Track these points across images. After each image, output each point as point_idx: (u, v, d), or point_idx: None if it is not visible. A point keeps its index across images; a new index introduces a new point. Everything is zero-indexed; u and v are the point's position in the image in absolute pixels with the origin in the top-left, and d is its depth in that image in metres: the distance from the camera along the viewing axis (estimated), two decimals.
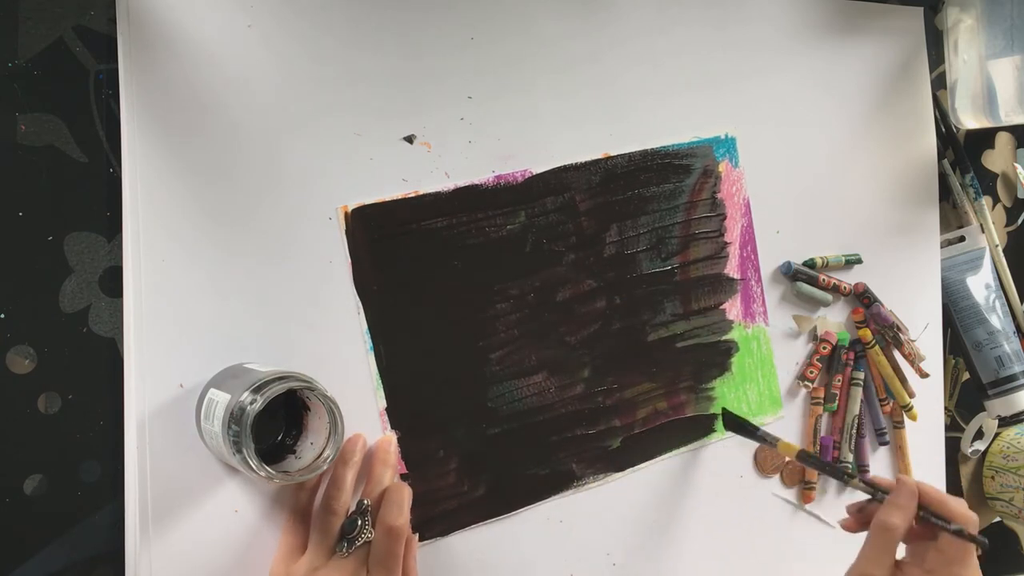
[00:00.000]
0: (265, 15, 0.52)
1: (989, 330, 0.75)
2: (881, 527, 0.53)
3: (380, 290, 0.54)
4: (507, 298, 0.58)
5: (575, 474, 0.60)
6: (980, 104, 0.75)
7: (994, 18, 0.73)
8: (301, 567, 0.49)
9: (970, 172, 0.78)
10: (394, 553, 0.49)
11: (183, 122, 0.49)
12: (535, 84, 0.60)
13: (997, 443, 0.80)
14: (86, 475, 0.48)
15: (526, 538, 0.59)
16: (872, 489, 0.56)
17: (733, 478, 0.66)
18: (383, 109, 0.55)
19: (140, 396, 0.48)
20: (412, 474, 0.55)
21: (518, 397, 0.59)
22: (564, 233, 0.60)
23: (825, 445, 0.69)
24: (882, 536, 0.53)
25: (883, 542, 0.53)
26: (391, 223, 0.55)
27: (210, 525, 0.49)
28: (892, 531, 0.53)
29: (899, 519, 0.53)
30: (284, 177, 0.52)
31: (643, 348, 0.63)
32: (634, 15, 0.63)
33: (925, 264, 0.75)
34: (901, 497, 0.54)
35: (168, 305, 0.49)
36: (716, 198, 0.66)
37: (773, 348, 0.68)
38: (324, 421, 0.48)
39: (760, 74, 0.68)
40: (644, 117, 0.63)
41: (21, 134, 0.47)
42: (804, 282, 0.69)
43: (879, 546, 0.53)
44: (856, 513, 0.57)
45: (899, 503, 0.54)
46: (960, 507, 0.54)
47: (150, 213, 0.49)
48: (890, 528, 0.53)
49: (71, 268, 0.48)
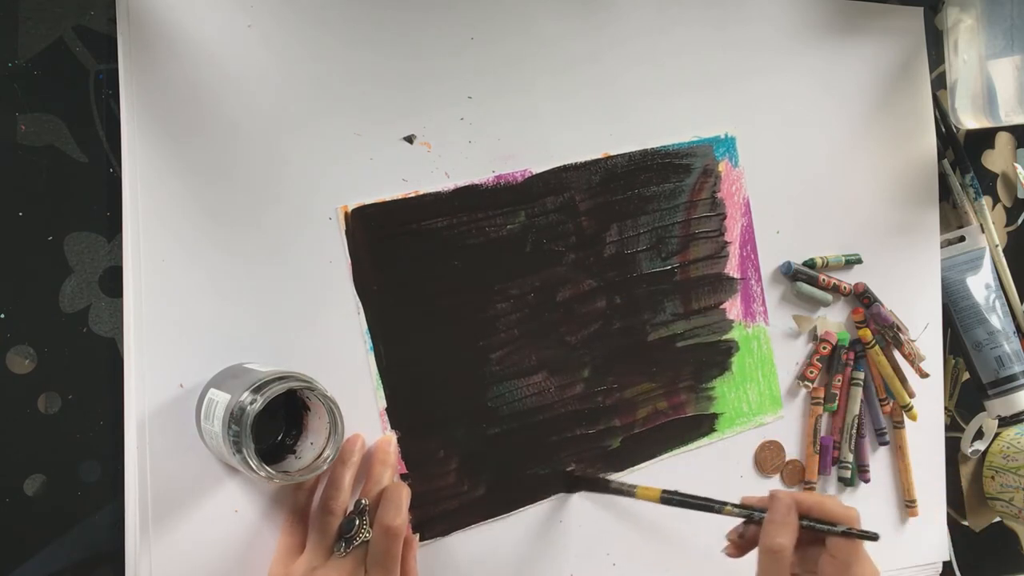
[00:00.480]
0: (265, 15, 0.52)
1: (989, 330, 0.75)
2: (769, 550, 0.50)
3: (380, 290, 0.54)
4: (507, 298, 0.58)
5: (575, 474, 0.60)
6: (980, 104, 0.75)
7: (994, 18, 0.73)
8: (299, 567, 0.49)
9: (970, 172, 0.78)
10: (392, 553, 0.49)
11: (183, 122, 0.49)
12: (535, 84, 0.60)
13: (997, 443, 0.80)
14: (86, 475, 0.48)
15: (526, 538, 0.59)
16: (747, 511, 0.53)
17: (733, 478, 0.66)
18: (383, 109, 0.55)
19: (140, 396, 0.48)
20: (412, 474, 0.55)
21: (518, 397, 0.59)
22: (564, 233, 0.60)
23: (825, 445, 0.69)
24: (772, 560, 0.50)
25: (776, 566, 0.50)
26: (391, 223, 0.55)
27: (210, 525, 0.49)
28: (780, 551, 0.50)
29: (784, 537, 0.50)
30: (284, 177, 0.52)
31: (643, 348, 0.63)
32: (634, 15, 0.63)
33: (925, 264, 0.75)
34: (779, 513, 0.51)
35: (168, 305, 0.49)
36: (716, 198, 0.66)
37: (773, 348, 0.68)
38: (324, 421, 0.48)
39: (760, 74, 0.68)
40: (644, 117, 0.63)
41: (21, 134, 0.47)
42: (804, 282, 0.69)
43: (773, 571, 0.50)
44: (738, 539, 0.54)
45: (779, 520, 0.51)
46: (839, 507, 0.52)
47: (150, 213, 0.49)
48: (777, 549, 0.50)
49: (71, 268, 0.48)
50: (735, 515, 0.54)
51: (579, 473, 0.60)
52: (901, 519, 0.73)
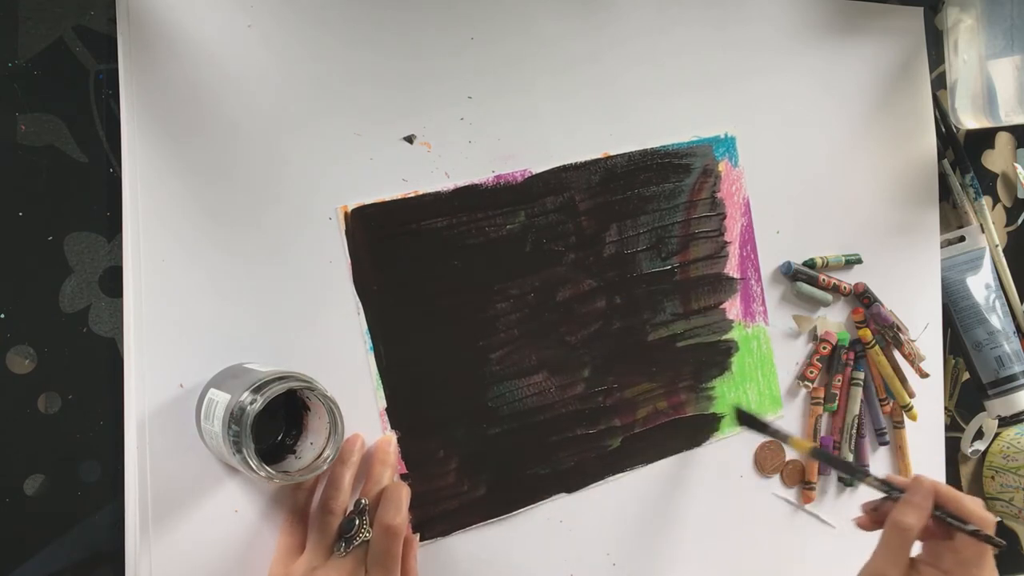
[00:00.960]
0: (265, 15, 0.52)
1: (989, 330, 0.75)
2: (896, 526, 0.52)
3: (380, 290, 0.54)
4: (507, 298, 0.58)
5: (575, 474, 0.60)
6: (980, 104, 0.75)
7: (994, 18, 0.73)
8: (299, 567, 0.49)
9: (970, 172, 0.78)
10: (392, 552, 0.49)
11: (183, 122, 0.49)
12: (535, 84, 0.60)
13: (997, 443, 0.80)
14: (86, 475, 0.48)
15: (526, 538, 0.59)
16: (888, 487, 0.55)
17: (733, 478, 0.66)
18: (383, 109, 0.55)
19: (140, 396, 0.48)
20: (412, 474, 0.55)
21: (518, 397, 0.59)
22: (564, 233, 0.60)
23: (825, 445, 0.69)
24: (897, 535, 0.52)
25: (898, 541, 0.52)
26: (391, 223, 0.55)
27: (210, 525, 0.49)
28: (907, 530, 0.52)
29: (914, 518, 0.52)
30: (284, 177, 0.52)
31: (643, 348, 0.63)
32: (634, 15, 0.63)
33: (925, 264, 0.75)
34: (917, 496, 0.53)
35: (168, 305, 0.49)
36: (716, 197, 0.66)
37: (773, 348, 0.68)
38: (324, 421, 0.48)
39: (760, 74, 0.68)
40: (644, 117, 0.63)
41: (21, 134, 0.47)
42: (804, 282, 0.69)
43: (894, 545, 0.52)
44: (871, 512, 0.56)
45: (914, 502, 0.53)
46: (976, 507, 0.53)
47: (150, 213, 0.49)
48: (905, 527, 0.52)
49: (71, 268, 0.48)
50: (876, 488, 0.55)
51: (746, 410, 0.64)
52: None
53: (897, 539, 0.52)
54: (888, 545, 0.52)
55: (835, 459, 0.58)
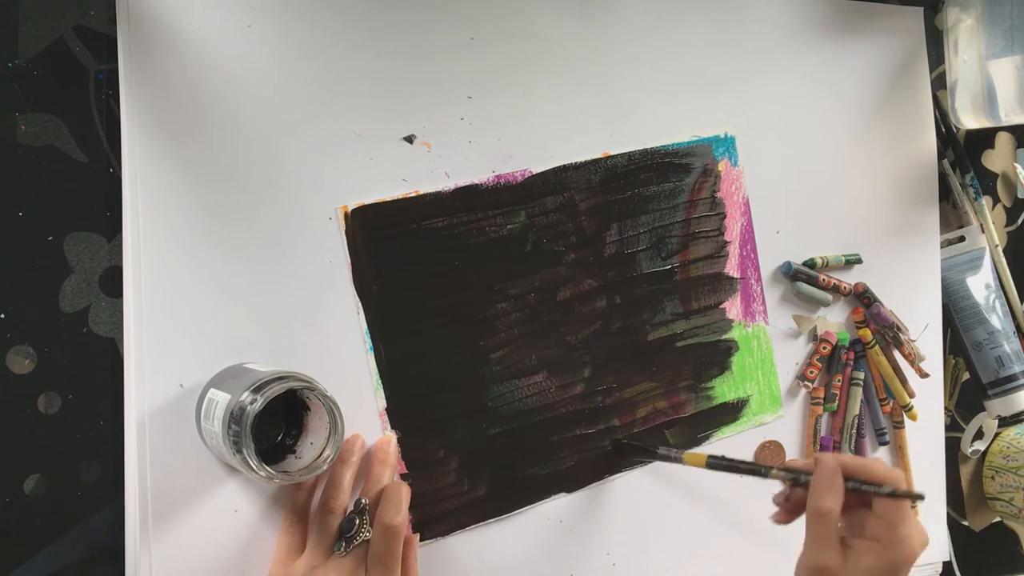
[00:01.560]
0: (265, 15, 0.52)
1: (989, 330, 0.75)
2: (816, 513, 0.51)
3: (380, 290, 0.54)
4: (507, 298, 0.58)
5: (575, 474, 0.60)
6: (980, 104, 0.75)
7: (994, 18, 0.73)
8: (299, 567, 0.49)
9: (970, 172, 0.78)
10: (392, 552, 0.49)
11: (183, 122, 0.49)
12: (535, 84, 0.60)
13: (997, 443, 0.80)
14: (86, 475, 0.48)
15: (526, 538, 0.59)
16: (793, 474, 0.54)
17: (733, 478, 0.66)
18: (383, 109, 0.55)
19: (140, 396, 0.48)
20: (412, 474, 0.55)
21: (518, 397, 0.59)
22: (564, 233, 0.60)
23: (825, 445, 0.69)
24: (820, 522, 0.51)
25: (823, 528, 0.50)
26: (391, 223, 0.55)
27: (210, 525, 0.49)
28: (828, 515, 0.50)
29: (831, 500, 0.51)
30: (284, 177, 0.52)
31: (643, 347, 0.63)
32: (634, 15, 0.63)
33: (925, 264, 0.75)
34: (824, 476, 0.51)
35: (168, 305, 0.49)
36: (716, 197, 0.66)
37: (773, 348, 0.68)
38: (324, 421, 0.48)
39: (760, 74, 0.68)
40: (644, 117, 0.63)
41: (21, 134, 0.47)
42: (804, 282, 0.69)
43: (820, 533, 0.51)
44: (784, 503, 0.55)
45: (825, 483, 0.51)
46: (883, 468, 0.52)
47: (150, 213, 0.49)
48: (825, 512, 0.50)
49: (71, 268, 0.48)
50: (781, 479, 0.54)
51: (627, 440, 0.61)
52: None
53: (822, 526, 0.51)
54: (815, 535, 0.51)
55: (732, 463, 0.56)
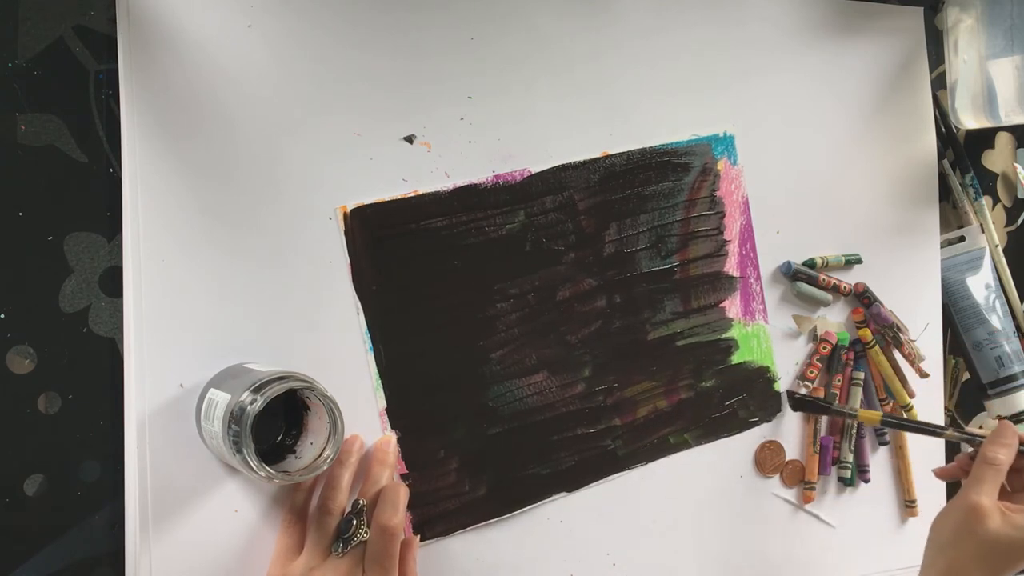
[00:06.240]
0: (265, 15, 0.52)
1: (989, 330, 0.75)
2: (985, 460, 0.57)
3: (380, 290, 0.54)
4: (507, 297, 0.58)
5: (575, 474, 0.60)
6: (980, 104, 0.75)
7: (994, 18, 0.73)
8: (297, 567, 0.49)
9: (970, 172, 0.78)
10: (389, 552, 0.49)
11: (183, 122, 0.49)
12: (535, 84, 0.60)
13: None
14: (86, 475, 0.48)
15: (526, 538, 0.59)
16: (968, 435, 0.61)
17: (733, 478, 0.66)
18: (383, 109, 0.55)
19: (140, 396, 0.48)
20: (412, 474, 0.55)
21: (518, 397, 0.59)
22: (563, 232, 0.60)
23: (825, 445, 0.69)
24: (987, 469, 0.57)
25: (990, 474, 0.56)
26: (391, 223, 0.55)
27: (210, 525, 0.49)
28: (997, 464, 0.57)
29: (1003, 454, 0.57)
30: (284, 177, 0.52)
31: (643, 347, 0.63)
32: (634, 15, 0.63)
33: (925, 264, 0.75)
34: (1004, 436, 0.58)
35: (168, 305, 0.49)
36: (715, 196, 0.66)
37: (773, 347, 0.68)
38: (324, 421, 0.48)
39: (759, 73, 0.68)
40: (643, 116, 0.63)
41: (21, 134, 0.47)
42: (804, 282, 0.69)
43: (985, 478, 0.56)
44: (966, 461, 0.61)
45: (1003, 441, 0.58)
46: None
47: (150, 213, 0.49)
48: (994, 461, 0.57)
49: (71, 268, 0.48)
50: (954, 439, 0.62)
51: (800, 396, 0.67)
52: (901, 519, 0.73)
53: (988, 472, 0.57)
54: (979, 479, 0.57)
55: (909, 423, 0.64)
